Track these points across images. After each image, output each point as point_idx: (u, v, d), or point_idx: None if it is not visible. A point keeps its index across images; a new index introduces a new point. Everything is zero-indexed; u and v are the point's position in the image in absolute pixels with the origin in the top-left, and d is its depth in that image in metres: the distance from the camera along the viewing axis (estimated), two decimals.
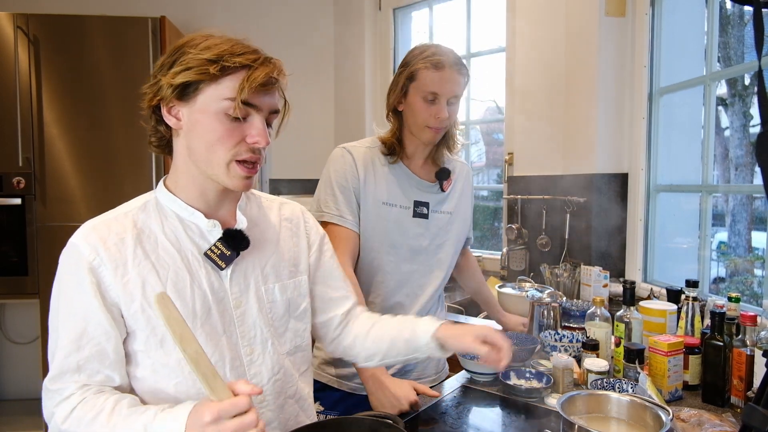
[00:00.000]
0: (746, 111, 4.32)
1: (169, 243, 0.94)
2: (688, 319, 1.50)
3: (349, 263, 1.44)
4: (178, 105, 0.92)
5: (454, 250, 1.60)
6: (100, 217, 0.95)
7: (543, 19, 2.53)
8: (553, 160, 2.52)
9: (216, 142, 0.90)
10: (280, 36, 3.47)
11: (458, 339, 1.06)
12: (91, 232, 0.92)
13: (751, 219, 4.34)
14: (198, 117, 0.90)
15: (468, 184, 1.65)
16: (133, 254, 0.91)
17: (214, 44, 0.89)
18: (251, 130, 0.91)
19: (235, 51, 0.89)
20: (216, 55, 0.88)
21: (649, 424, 1.05)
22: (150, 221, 0.95)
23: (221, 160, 0.91)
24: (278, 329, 1.05)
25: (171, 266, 0.93)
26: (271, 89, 0.92)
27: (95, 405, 0.86)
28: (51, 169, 2.63)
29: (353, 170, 1.47)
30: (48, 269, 2.61)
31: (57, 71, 2.62)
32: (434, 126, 1.43)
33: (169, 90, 0.90)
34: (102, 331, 0.89)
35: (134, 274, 0.90)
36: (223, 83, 0.88)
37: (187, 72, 0.88)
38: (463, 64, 1.43)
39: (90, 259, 0.89)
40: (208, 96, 0.89)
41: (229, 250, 0.96)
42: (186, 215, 0.97)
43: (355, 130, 3.36)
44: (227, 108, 0.89)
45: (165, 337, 0.91)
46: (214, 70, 0.87)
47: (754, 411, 0.53)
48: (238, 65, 0.88)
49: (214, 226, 0.97)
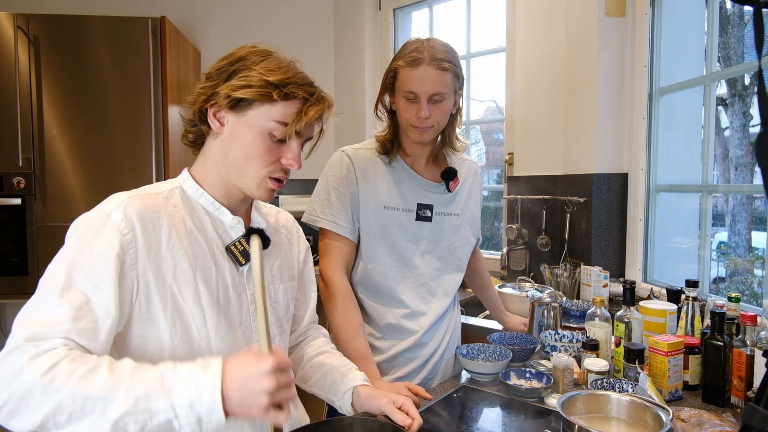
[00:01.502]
0: (746, 111, 4.32)
1: (198, 233, 0.98)
2: (688, 319, 1.50)
3: (340, 270, 1.43)
4: (227, 113, 0.96)
5: (464, 252, 1.57)
6: (133, 192, 0.94)
7: (543, 19, 2.53)
8: (553, 160, 2.52)
9: (255, 156, 0.95)
10: (280, 36, 3.47)
11: (372, 399, 1.10)
12: (127, 204, 0.89)
13: (751, 219, 4.34)
14: (243, 129, 0.95)
15: (476, 184, 1.62)
16: (168, 237, 0.92)
17: (277, 67, 0.95)
18: (288, 153, 0.97)
19: (297, 81, 0.95)
20: (280, 81, 0.93)
21: (649, 424, 1.05)
22: (179, 207, 0.98)
23: (256, 174, 0.97)
24: (280, 328, 1.12)
25: (200, 254, 0.96)
26: (317, 122, 1.00)
27: (88, 360, 0.78)
28: (51, 169, 2.64)
29: (351, 176, 1.44)
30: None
31: (57, 71, 2.63)
32: (417, 125, 1.38)
33: (225, 100, 0.94)
34: (104, 309, 0.83)
35: (168, 256, 0.91)
36: (277, 106, 0.94)
37: (248, 89, 0.92)
38: (446, 59, 1.35)
39: (124, 232, 0.87)
40: (259, 113, 0.94)
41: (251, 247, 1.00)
42: (212, 209, 1.01)
43: (354, 131, 3.36)
44: (273, 129, 0.94)
45: (191, 323, 0.93)
46: (276, 96, 0.92)
47: (755, 411, 0.53)
48: (299, 97, 0.94)
49: (239, 223, 1.02)
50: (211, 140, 1.01)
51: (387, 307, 1.47)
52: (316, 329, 1.31)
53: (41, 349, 0.77)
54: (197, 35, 3.42)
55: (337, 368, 1.18)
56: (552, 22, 2.48)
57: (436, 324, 1.52)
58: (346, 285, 1.44)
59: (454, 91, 1.40)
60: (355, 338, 1.37)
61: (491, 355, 1.47)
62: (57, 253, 0.88)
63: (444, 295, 1.53)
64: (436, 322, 1.52)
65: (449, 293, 1.55)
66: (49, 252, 3.17)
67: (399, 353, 1.48)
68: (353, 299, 1.45)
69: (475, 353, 1.47)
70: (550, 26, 2.49)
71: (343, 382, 1.15)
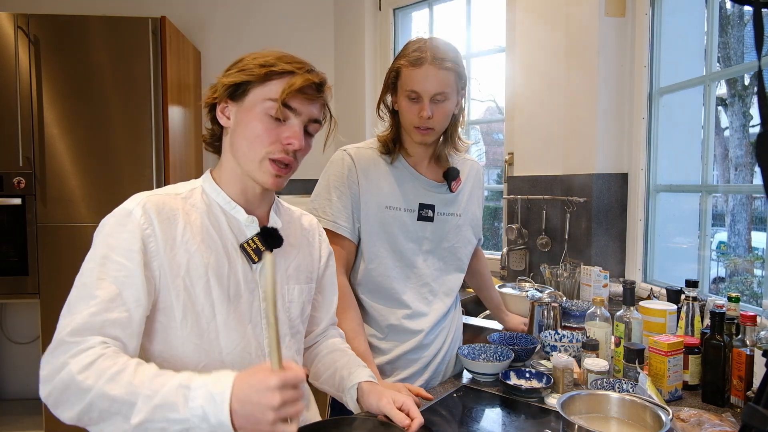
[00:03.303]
0: (746, 111, 4.32)
1: (213, 230, 1.01)
2: (688, 319, 1.50)
3: (340, 271, 1.42)
4: (230, 105, 1.01)
5: (465, 252, 1.57)
6: (152, 192, 1.00)
7: (543, 19, 2.53)
8: (553, 160, 2.52)
9: (255, 139, 0.98)
10: (279, 36, 3.47)
11: (373, 398, 1.11)
12: (146, 202, 0.95)
13: (750, 219, 4.35)
14: (243, 116, 0.99)
15: (478, 183, 1.62)
16: (182, 232, 0.97)
17: (270, 53, 1.00)
18: (287, 132, 0.98)
19: (284, 60, 0.99)
20: (270, 62, 0.98)
21: (649, 424, 1.05)
22: (197, 206, 1.01)
23: (256, 155, 0.99)
24: (292, 329, 1.12)
25: (213, 251, 0.99)
26: (312, 98, 1.00)
27: (117, 361, 0.84)
28: (51, 169, 2.64)
29: (353, 175, 1.44)
30: (48, 269, 2.61)
31: (57, 71, 2.63)
32: (420, 126, 1.38)
33: (223, 89, 0.99)
34: (135, 298, 0.90)
35: (182, 251, 0.96)
36: (268, 86, 0.97)
37: (240, 73, 0.98)
38: (448, 59, 1.34)
39: (144, 227, 0.93)
40: (254, 96, 0.98)
41: (264, 246, 1.03)
42: (228, 208, 1.04)
43: (354, 131, 3.36)
44: (269, 108, 0.97)
45: (201, 316, 0.96)
46: (260, 71, 0.97)
47: (754, 411, 0.53)
48: (284, 71, 0.97)
49: (253, 222, 1.04)
50: (224, 139, 1.06)
51: (389, 308, 1.47)
52: (334, 329, 1.32)
53: (81, 348, 0.84)
54: (197, 35, 3.42)
55: (346, 365, 1.19)
56: (552, 22, 2.48)
57: (438, 325, 1.52)
58: (345, 285, 1.43)
59: (456, 91, 1.40)
60: (355, 339, 1.37)
61: (492, 356, 1.47)
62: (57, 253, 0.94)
63: (445, 295, 1.53)
64: (438, 323, 1.52)
65: (450, 294, 1.55)
66: (49, 252, 3.17)
67: (401, 355, 1.48)
68: (353, 299, 1.45)
69: (476, 354, 1.47)
70: (550, 26, 2.49)
71: (349, 378, 1.16)
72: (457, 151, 1.54)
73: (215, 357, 0.97)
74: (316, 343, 1.28)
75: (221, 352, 0.98)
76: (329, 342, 1.28)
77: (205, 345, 0.97)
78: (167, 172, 2.72)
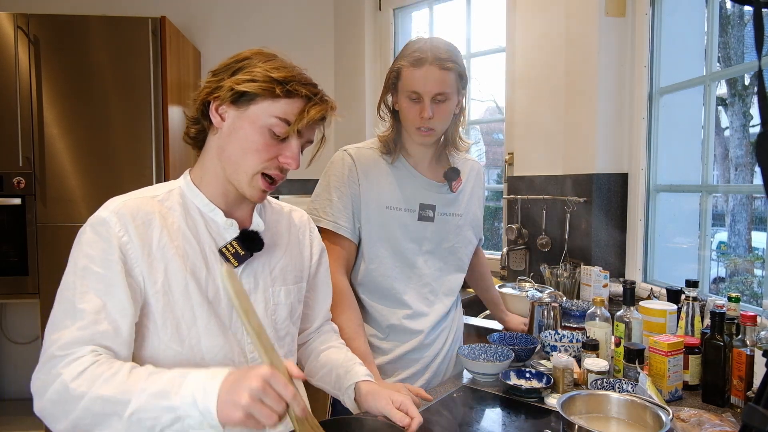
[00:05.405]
0: (746, 111, 4.33)
1: (191, 234, 0.98)
2: (688, 319, 1.50)
3: (339, 270, 1.42)
4: (228, 107, 0.97)
5: (466, 252, 1.57)
6: (127, 195, 0.98)
7: (543, 19, 2.53)
8: (553, 160, 2.52)
9: (252, 151, 0.95)
10: (279, 36, 3.47)
11: (374, 397, 1.09)
12: (121, 208, 0.93)
13: (751, 219, 4.35)
14: (243, 124, 0.96)
15: (479, 183, 1.62)
16: (159, 237, 0.95)
17: (282, 66, 0.97)
18: (287, 152, 0.97)
19: (301, 80, 0.96)
20: (283, 78, 0.94)
21: (649, 424, 1.05)
22: (174, 209, 0.99)
23: (250, 169, 0.96)
24: (279, 332, 1.10)
25: (191, 255, 0.97)
26: (317, 123, 1.00)
27: (111, 366, 0.84)
28: (51, 169, 2.63)
29: (353, 175, 1.43)
30: (48, 269, 2.61)
31: (57, 71, 2.63)
32: (421, 126, 1.37)
33: (228, 93, 0.95)
34: (120, 308, 0.89)
35: (159, 256, 0.94)
36: (279, 103, 0.94)
37: (252, 83, 0.94)
38: (449, 59, 1.34)
39: (120, 235, 0.91)
40: (261, 108, 0.95)
41: (244, 250, 1.01)
42: (206, 211, 1.01)
43: (355, 131, 3.36)
44: (274, 125, 0.95)
45: (181, 321, 0.94)
46: (279, 91, 0.93)
47: (754, 411, 0.53)
48: (301, 94, 0.95)
49: (231, 225, 1.02)
50: (211, 137, 1.03)
51: (389, 308, 1.47)
52: (328, 324, 1.31)
53: (72, 358, 0.84)
54: (197, 35, 3.42)
55: (342, 363, 1.18)
56: (552, 22, 2.48)
57: (439, 325, 1.52)
58: (346, 285, 1.43)
59: (457, 91, 1.40)
60: (355, 339, 1.37)
61: (492, 356, 1.47)
62: (57, 253, 0.93)
63: (445, 295, 1.53)
64: (439, 323, 1.52)
65: (451, 294, 1.55)
66: (49, 252, 3.16)
67: (403, 354, 1.48)
68: (353, 299, 1.45)
69: (476, 354, 1.47)
70: (550, 26, 2.49)
71: (346, 377, 1.14)
72: (457, 151, 1.54)
73: (197, 363, 0.95)
74: (310, 339, 1.27)
75: (203, 358, 0.96)
76: (323, 338, 1.26)
77: (186, 351, 0.95)
78: (167, 172, 2.72)
